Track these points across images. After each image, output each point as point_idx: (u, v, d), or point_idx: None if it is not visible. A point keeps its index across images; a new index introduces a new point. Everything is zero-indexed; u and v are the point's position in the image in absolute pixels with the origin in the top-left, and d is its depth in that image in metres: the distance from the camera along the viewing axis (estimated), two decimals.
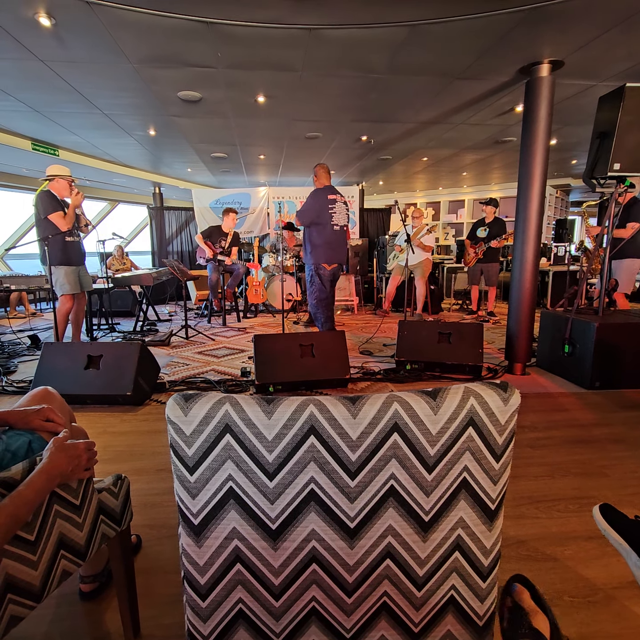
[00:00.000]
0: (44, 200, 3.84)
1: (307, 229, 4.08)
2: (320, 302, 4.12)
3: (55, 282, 3.97)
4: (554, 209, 10.11)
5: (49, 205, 3.83)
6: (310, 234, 4.06)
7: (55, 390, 1.27)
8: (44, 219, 3.84)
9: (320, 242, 4.02)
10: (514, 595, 0.83)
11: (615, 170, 3.11)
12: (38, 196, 3.88)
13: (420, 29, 2.97)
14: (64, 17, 2.80)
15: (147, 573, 1.47)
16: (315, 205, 4.01)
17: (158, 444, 2.42)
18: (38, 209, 3.85)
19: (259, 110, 4.74)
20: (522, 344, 3.82)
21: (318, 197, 4.04)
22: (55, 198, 3.91)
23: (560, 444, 2.44)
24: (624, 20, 2.88)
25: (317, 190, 4.08)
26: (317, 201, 4.03)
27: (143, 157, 7.16)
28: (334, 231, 4.03)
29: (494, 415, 0.72)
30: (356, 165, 7.83)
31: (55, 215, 3.83)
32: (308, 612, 0.78)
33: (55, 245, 3.88)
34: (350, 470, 0.71)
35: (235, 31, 2.99)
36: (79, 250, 4.14)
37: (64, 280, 3.97)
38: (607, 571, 1.47)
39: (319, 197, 4.03)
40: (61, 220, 3.85)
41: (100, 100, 4.43)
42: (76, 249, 4.09)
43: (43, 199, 3.85)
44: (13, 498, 0.80)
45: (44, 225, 3.86)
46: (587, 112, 4.52)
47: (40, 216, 3.85)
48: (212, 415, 0.69)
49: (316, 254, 4.03)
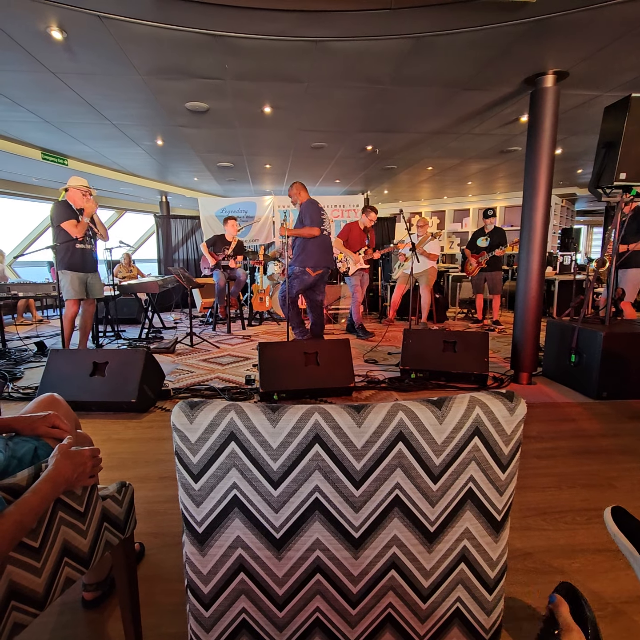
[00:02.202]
0: (58, 209, 4.02)
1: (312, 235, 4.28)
2: (292, 302, 4.35)
3: (62, 286, 4.09)
4: (559, 218, 10.10)
5: (62, 213, 4.00)
6: (307, 240, 4.27)
7: (61, 397, 1.28)
8: (57, 227, 4.00)
9: (314, 247, 4.27)
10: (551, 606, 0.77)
11: (621, 180, 3.11)
12: (54, 205, 4.09)
13: (426, 41, 3.01)
14: (75, 31, 2.87)
15: (150, 581, 1.46)
16: (317, 212, 4.28)
17: (162, 452, 2.42)
18: (52, 217, 4.04)
19: (266, 121, 4.79)
20: (528, 353, 3.79)
21: (314, 205, 4.32)
22: (69, 207, 4.07)
23: (567, 454, 2.41)
24: (629, 32, 2.89)
25: (310, 201, 4.36)
26: (316, 208, 4.30)
27: (150, 166, 7.25)
28: (325, 236, 4.32)
29: (500, 425, 0.72)
30: (361, 175, 7.87)
31: (67, 223, 3.98)
32: (312, 623, 0.77)
33: (64, 251, 4.03)
34: (355, 479, 0.71)
35: (242, 43, 3.04)
36: (89, 257, 4.24)
37: (69, 285, 4.07)
38: (616, 585, 1.45)
39: (315, 204, 4.33)
40: (73, 228, 3.98)
41: (110, 111, 4.50)
42: (86, 256, 4.18)
43: (57, 208, 4.03)
44: (19, 505, 0.80)
45: (57, 232, 4.01)
46: (593, 122, 4.53)
47: (53, 224, 4.03)
48: (218, 422, 0.69)
49: (306, 258, 4.26)
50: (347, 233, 5.49)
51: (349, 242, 5.46)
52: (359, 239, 5.45)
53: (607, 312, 3.54)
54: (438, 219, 11.73)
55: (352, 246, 5.46)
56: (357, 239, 5.45)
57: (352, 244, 5.46)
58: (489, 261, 5.92)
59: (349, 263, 5.44)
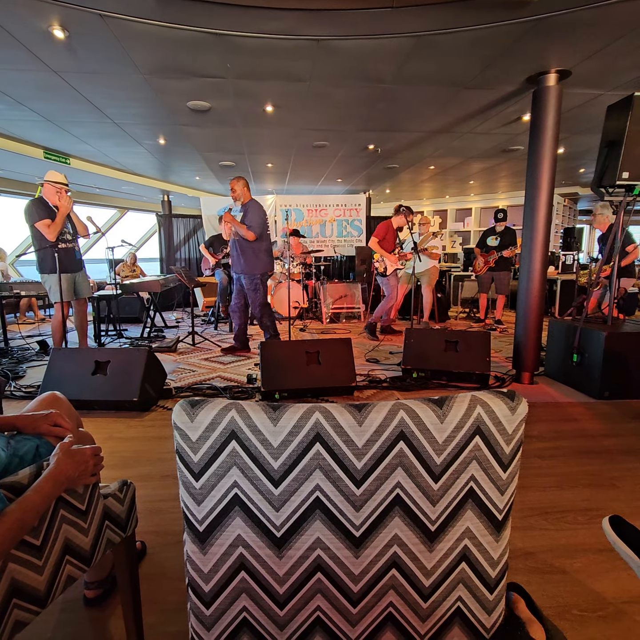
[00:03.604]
0: (30, 208, 3.76)
1: (254, 240, 4.20)
2: (264, 307, 4.37)
3: (48, 289, 3.90)
4: (561, 217, 10.08)
5: (34, 213, 3.74)
6: (259, 245, 4.23)
7: (63, 396, 1.28)
8: (32, 227, 3.76)
9: (267, 252, 4.30)
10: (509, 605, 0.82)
11: (624, 179, 3.09)
12: (27, 203, 3.81)
13: (428, 40, 3.00)
14: (77, 30, 2.87)
15: (152, 580, 1.46)
16: (263, 216, 4.24)
17: (164, 450, 2.42)
18: (26, 216, 3.79)
19: (267, 120, 4.79)
20: (530, 352, 3.78)
21: (261, 209, 4.27)
22: (44, 205, 3.81)
23: (569, 454, 2.41)
24: (632, 30, 2.88)
25: (256, 201, 4.30)
26: (263, 213, 4.25)
27: (152, 165, 7.25)
28: (270, 241, 4.36)
29: (501, 424, 0.72)
30: (363, 174, 7.87)
31: (40, 223, 3.71)
32: (313, 621, 0.77)
33: (47, 252, 3.78)
34: (356, 478, 0.71)
35: (245, 42, 3.03)
36: (73, 256, 3.98)
37: (55, 287, 3.82)
38: (617, 585, 1.44)
39: (261, 208, 4.28)
40: (46, 229, 3.71)
41: (111, 110, 4.50)
42: (70, 255, 3.92)
43: (30, 207, 3.77)
44: (20, 503, 0.80)
45: (34, 233, 3.79)
46: (595, 121, 4.52)
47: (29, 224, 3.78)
48: (218, 421, 0.69)
49: (263, 263, 4.28)
50: (384, 232, 5.25)
51: (384, 242, 5.25)
52: (392, 239, 5.34)
53: (609, 312, 3.53)
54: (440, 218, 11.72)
55: (387, 246, 5.24)
56: (392, 239, 5.32)
57: (387, 243, 5.28)
58: (498, 261, 5.91)
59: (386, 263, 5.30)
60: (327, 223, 8.88)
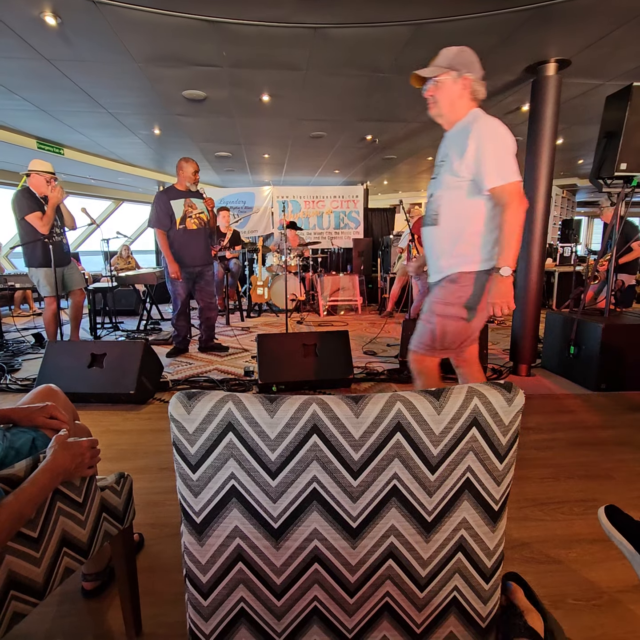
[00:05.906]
0: (20, 200, 3.59)
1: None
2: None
3: (36, 283, 3.78)
4: (560, 209, 10.05)
5: (25, 205, 3.57)
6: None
7: (58, 388, 1.28)
8: (21, 220, 3.58)
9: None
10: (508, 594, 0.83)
11: (622, 170, 3.08)
12: (14, 195, 3.63)
13: (426, 28, 2.96)
14: (69, 16, 2.81)
15: (150, 571, 1.47)
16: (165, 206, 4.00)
17: (161, 443, 2.42)
18: (14, 209, 3.62)
19: (264, 110, 4.74)
20: (527, 345, 3.79)
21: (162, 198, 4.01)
22: (32, 197, 3.63)
23: (565, 446, 2.43)
24: (631, 19, 2.85)
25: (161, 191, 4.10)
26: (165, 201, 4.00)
27: (148, 156, 7.18)
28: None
29: (498, 416, 0.72)
30: (361, 165, 7.81)
31: (32, 216, 3.55)
32: (310, 611, 0.77)
33: (36, 246, 3.63)
34: (353, 469, 0.71)
35: (241, 30, 2.99)
36: (61, 249, 3.81)
37: (44, 282, 3.72)
38: (611, 574, 1.46)
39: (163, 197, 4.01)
40: (38, 222, 3.55)
41: (106, 99, 4.44)
42: (58, 248, 3.72)
43: (20, 199, 3.60)
44: (17, 495, 0.80)
45: (22, 226, 3.61)
46: (594, 112, 4.48)
47: (16, 217, 3.60)
48: (215, 413, 0.69)
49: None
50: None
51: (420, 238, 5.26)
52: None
53: (606, 304, 3.54)
54: None
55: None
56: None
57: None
58: None
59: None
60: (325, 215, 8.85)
